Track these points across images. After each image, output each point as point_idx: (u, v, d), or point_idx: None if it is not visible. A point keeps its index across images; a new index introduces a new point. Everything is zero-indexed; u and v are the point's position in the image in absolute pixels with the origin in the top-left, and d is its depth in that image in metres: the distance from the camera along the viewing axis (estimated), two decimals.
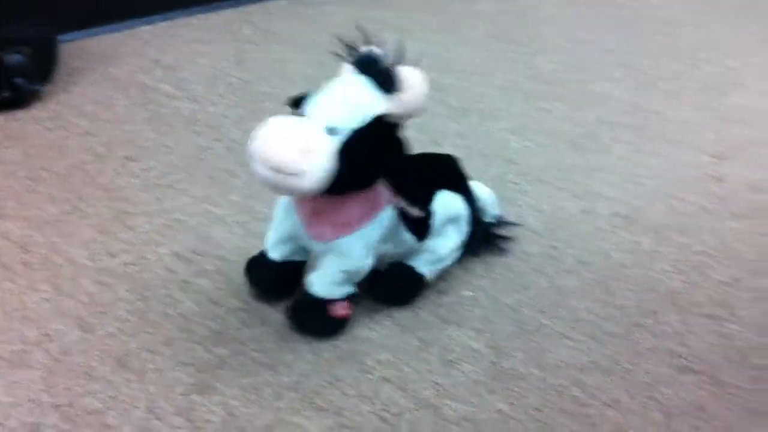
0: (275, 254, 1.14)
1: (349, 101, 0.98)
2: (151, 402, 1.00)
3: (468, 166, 1.22)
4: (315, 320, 1.11)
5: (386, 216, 1.07)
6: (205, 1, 2.12)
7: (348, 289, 1.11)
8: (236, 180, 1.44)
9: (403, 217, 1.10)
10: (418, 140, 1.41)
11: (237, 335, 1.10)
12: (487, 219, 1.27)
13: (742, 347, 1.12)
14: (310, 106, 0.99)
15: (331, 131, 0.97)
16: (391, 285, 1.16)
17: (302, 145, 0.94)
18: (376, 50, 1.00)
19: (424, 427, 0.98)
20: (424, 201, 1.12)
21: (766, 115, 1.73)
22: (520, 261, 1.27)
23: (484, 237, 1.25)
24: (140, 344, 1.08)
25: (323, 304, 1.10)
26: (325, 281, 1.09)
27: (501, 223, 1.30)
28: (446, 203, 1.15)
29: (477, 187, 1.25)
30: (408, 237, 1.12)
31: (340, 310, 1.10)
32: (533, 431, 0.98)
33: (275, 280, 1.15)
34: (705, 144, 1.61)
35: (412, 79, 0.99)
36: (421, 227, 1.12)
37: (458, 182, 1.18)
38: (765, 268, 1.27)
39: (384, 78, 0.98)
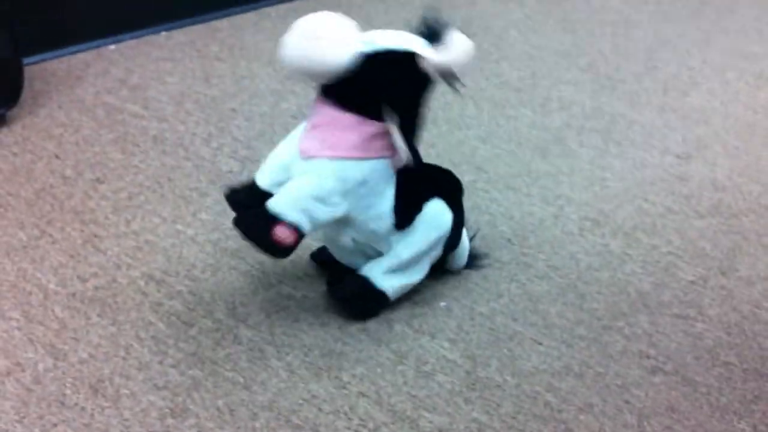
0: (263, 179, 1.12)
1: (395, 33, 1.07)
2: (125, 428, 0.99)
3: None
4: (254, 227, 1.06)
5: (378, 165, 1.08)
6: (170, 19, 2.12)
7: (301, 218, 1.05)
8: (206, 199, 1.44)
9: (396, 196, 1.10)
10: None
11: (210, 356, 1.10)
12: (453, 266, 1.25)
13: (711, 346, 1.14)
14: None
15: (368, 44, 1.05)
16: (349, 300, 1.16)
17: (338, 35, 1.03)
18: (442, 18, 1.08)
19: None
20: (418, 195, 1.13)
21: (727, 113, 1.76)
22: (493, 269, 1.28)
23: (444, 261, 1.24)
24: (113, 369, 1.08)
25: (270, 219, 1.04)
26: (284, 196, 1.06)
27: (470, 259, 1.27)
28: (437, 210, 1.14)
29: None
30: (389, 215, 1.10)
31: (281, 234, 1.04)
32: None
33: (252, 203, 1.11)
34: (669, 145, 1.63)
35: (460, 42, 1.06)
36: (404, 215, 1.12)
37: (454, 206, 1.17)
38: (730, 265, 1.29)
39: (436, 29, 1.06)
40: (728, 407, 1.04)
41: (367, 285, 1.15)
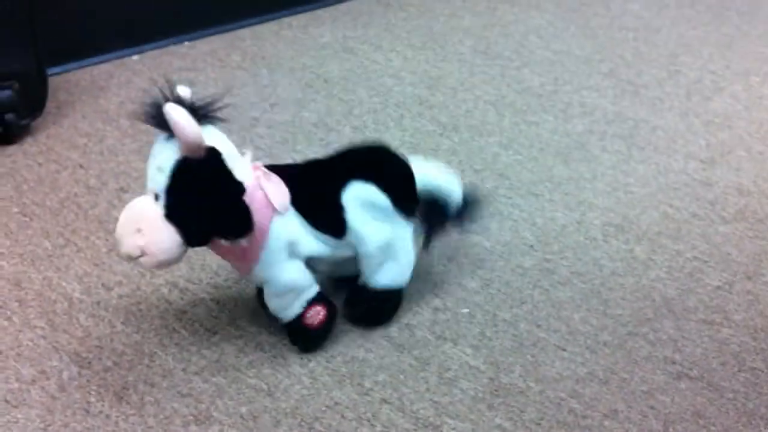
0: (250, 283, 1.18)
1: (156, 162, 0.98)
2: None
3: (461, 182, 1.21)
4: (299, 339, 1.12)
5: (277, 229, 1.04)
6: (192, 29, 2.13)
7: (300, 302, 1.09)
8: None
9: (311, 220, 1.07)
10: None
11: (234, 363, 1.10)
12: (451, 207, 1.17)
13: (737, 351, 1.12)
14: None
15: (157, 197, 0.98)
16: (361, 311, 1.16)
17: (135, 226, 0.98)
18: (155, 100, 0.97)
19: None
20: (329, 198, 1.09)
21: (750, 118, 1.74)
22: (516, 275, 1.27)
23: (444, 224, 1.19)
24: (137, 377, 1.08)
25: (297, 322, 1.10)
26: (275, 309, 1.10)
27: (466, 209, 1.20)
28: (356, 194, 1.08)
29: (433, 174, 1.16)
30: (322, 235, 1.08)
31: (313, 320, 1.10)
32: None
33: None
34: (693, 150, 1.62)
35: (172, 114, 0.94)
36: (333, 224, 1.08)
37: (378, 171, 1.11)
38: (756, 271, 1.28)
39: (162, 123, 0.96)
40: (755, 413, 1.03)
41: (368, 292, 1.14)
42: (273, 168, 1.07)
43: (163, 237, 0.97)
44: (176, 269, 1.28)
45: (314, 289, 1.11)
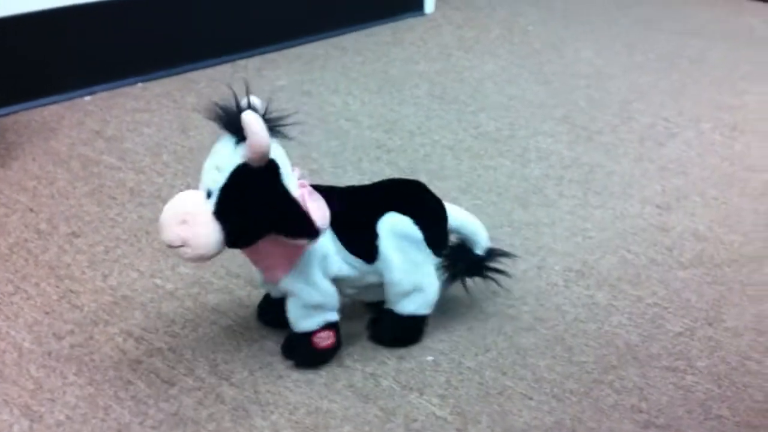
0: (273, 293, 1.19)
1: (215, 161, 1.03)
2: None
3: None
4: (300, 353, 1.15)
5: (318, 245, 1.10)
6: (146, 71, 2.11)
7: (319, 320, 1.13)
8: None
9: (346, 241, 1.13)
10: None
11: (192, 416, 1.07)
12: (477, 251, 1.24)
13: (702, 399, 1.12)
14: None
15: (209, 194, 1.02)
16: (388, 335, 1.21)
17: (181, 218, 1.01)
18: (229, 104, 1.04)
19: None
20: (365, 224, 1.15)
21: (704, 164, 1.77)
22: (479, 322, 1.26)
23: (471, 268, 1.24)
24: (92, 431, 1.04)
25: (305, 337, 1.14)
26: (294, 318, 1.13)
27: (492, 254, 1.26)
28: (392, 224, 1.15)
29: (465, 217, 1.24)
30: (353, 258, 1.14)
31: (321, 342, 1.14)
32: None
33: (273, 314, 1.20)
34: (649, 195, 1.64)
35: (250, 121, 0.99)
36: (365, 249, 1.14)
37: (415, 205, 1.17)
38: (716, 316, 1.29)
39: (232, 127, 1.02)
40: None
41: (394, 317, 1.18)
42: (317, 188, 1.11)
43: (208, 232, 1.01)
44: (130, 317, 1.24)
45: (335, 315, 1.15)
